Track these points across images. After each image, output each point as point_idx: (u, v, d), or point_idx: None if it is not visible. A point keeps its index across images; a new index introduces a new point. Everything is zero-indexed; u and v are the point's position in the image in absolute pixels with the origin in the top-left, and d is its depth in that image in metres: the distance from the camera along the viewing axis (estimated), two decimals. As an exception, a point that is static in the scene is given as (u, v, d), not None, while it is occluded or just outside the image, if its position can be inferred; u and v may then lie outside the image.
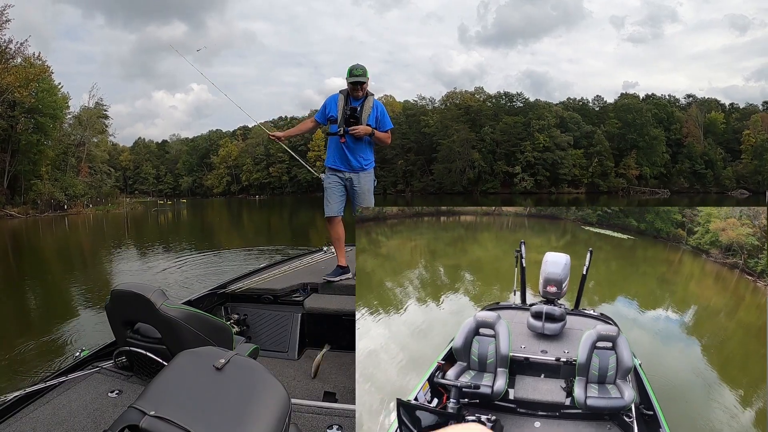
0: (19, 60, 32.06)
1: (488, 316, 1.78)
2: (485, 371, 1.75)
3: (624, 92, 66.05)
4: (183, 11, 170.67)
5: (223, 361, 1.02)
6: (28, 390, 1.95)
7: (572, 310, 2.11)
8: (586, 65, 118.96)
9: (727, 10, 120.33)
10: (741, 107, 63.78)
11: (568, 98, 67.33)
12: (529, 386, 1.74)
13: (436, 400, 1.67)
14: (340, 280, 3.50)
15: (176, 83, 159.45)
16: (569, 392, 1.65)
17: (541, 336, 1.97)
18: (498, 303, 2.18)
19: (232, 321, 3.20)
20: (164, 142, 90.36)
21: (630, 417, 1.54)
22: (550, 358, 1.82)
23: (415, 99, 71.19)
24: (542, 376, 1.79)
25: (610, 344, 1.69)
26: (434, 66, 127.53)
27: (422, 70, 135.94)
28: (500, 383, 1.66)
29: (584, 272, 2.07)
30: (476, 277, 2.46)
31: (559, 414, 1.63)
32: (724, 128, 60.12)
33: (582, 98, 66.42)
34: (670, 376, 1.82)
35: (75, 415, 1.83)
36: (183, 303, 2.31)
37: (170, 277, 9.12)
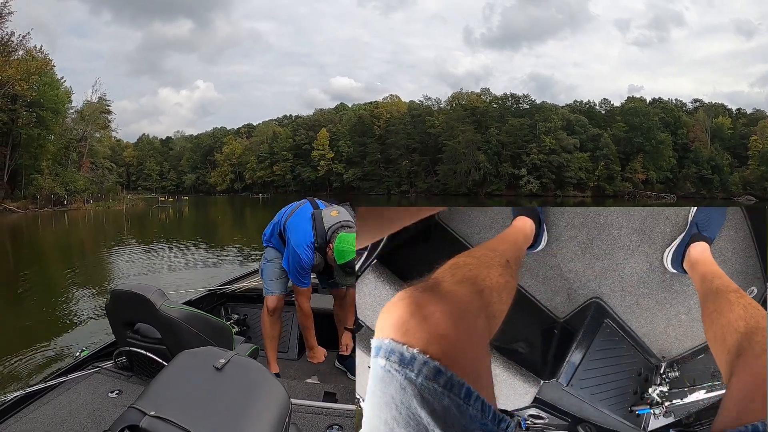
0: (21, 53, 31.82)
1: None
2: None
3: (631, 96, 65.68)
4: (189, 9, 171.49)
5: (223, 361, 1.01)
6: (28, 390, 1.95)
7: None
8: (592, 68, 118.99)
9: (733, 14, 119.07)
10: (748, 113, 63.24)
11: (575, 101, 66.97)
12: None
13: None
14: None
15: (182, 81, 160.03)
16: None
17: None
18: None
19: (232, 321, 3.22)
20: (168, 138, 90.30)
21: None
22: None
23: (421, 99, 70.77)
24: None
25: None
26: (438, 67, 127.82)
27: (426, 71, 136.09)
28: None
29: None
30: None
31: None
32: (731, 133, 59.60)
33: (589, 101, 66.11)
34: None
35: (75, 415, 1.84)
36: (183, 303, 2.33)
37: (168, 276, 8.92)
